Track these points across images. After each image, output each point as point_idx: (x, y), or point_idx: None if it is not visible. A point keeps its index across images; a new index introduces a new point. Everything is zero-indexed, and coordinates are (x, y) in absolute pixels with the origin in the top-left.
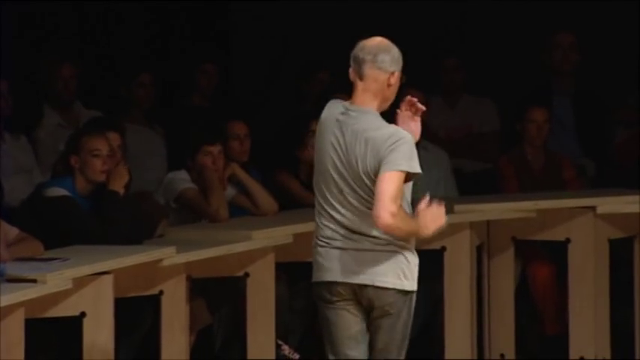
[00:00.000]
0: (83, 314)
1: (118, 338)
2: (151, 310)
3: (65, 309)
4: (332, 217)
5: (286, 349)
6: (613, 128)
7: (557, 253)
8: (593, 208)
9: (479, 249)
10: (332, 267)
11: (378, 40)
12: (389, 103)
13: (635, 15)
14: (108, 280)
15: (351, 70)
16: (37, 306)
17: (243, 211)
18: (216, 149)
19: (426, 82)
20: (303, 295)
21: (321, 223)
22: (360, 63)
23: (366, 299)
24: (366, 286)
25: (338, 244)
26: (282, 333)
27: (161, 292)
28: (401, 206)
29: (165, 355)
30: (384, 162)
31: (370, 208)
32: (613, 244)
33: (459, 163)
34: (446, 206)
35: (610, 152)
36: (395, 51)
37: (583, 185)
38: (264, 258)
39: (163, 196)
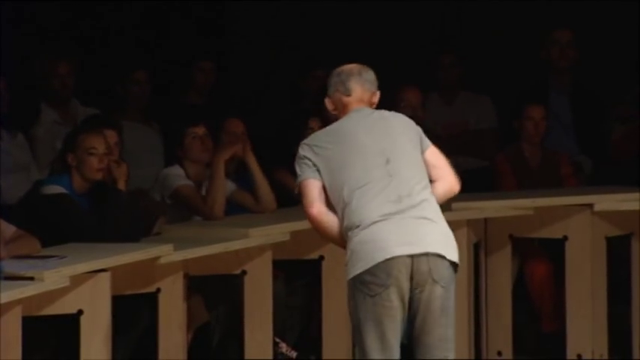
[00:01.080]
0: (80, 312)
1: (115, 336)
2: (148, 307)
3: (62, 307)
4: (378, 195)
5: (284, 347)
6: (610, 125)
7: (554, 250)
8: (590, 206)
9: (476, 247)
10: (387, 244)
11: (355, 64)
12: None
13: (634, 12)
14: (105, 277)
15: (327, 100)
16: (35, 304)
17: (240, 210)
18: (200, 130)
19: (423, 78)
20: (301, 293)
21: (362, 207)
22: (344, 80)
23: (420, 272)
24: (426, 255)
25: (392, 216)
26: (280, 331)
27: (158, 290)
28: None
29: (162, 353)
30: (422, 138)
31: (419, 178)
32: (610, 241)
33: (455, 161)
34: (442, 204)
35: (607, 149)
36: (373, 73)
37: (580, 182)
38: (262, 256)
39: (159, 192)
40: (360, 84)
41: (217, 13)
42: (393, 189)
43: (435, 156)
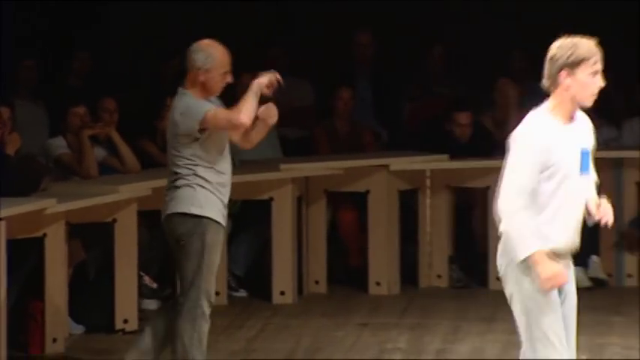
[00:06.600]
0: None
1: (10, 273)
2: (36, 249)
3: None
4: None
5: (147, 280)
6: (402, 102)
7: (359, 201)
8: (386, 166)
9: (299, 199)
10: None
11: None
12: None
13: (425, 10)
14: (1, 225)
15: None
16: None
17: (112, 170)
18: (81, 110)
19: (257, 67)
20: (161, 236)
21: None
22: None
23: None
24: None
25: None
26: (143, 267)
27: (45, 235)
28: None
29: (48, 285)
30: None
31: None
32: (402, 194)
33: (283, 132)
34: (272, 166)
35: (400, 122)
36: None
37: (379, 148)
38: (129, 207)
39: (44, 158)
40: None
41: (93, 10)
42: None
43: None
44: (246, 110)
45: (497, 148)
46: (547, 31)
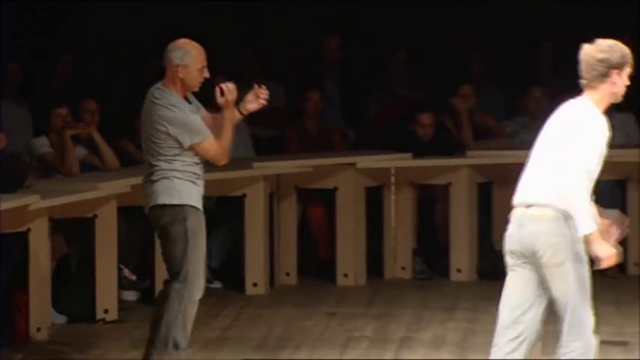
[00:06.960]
0: None
1: None
2: (21, 243)
3: None
4: None
5: (126, 272)
6: (368, 104)
7: (328, 198)
8: (353, 164)
9: (271, 195)
10: None
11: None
12: None
13: (384, 17)
14: None
15: None
16: None
17: (92, 168)
18: (63, 111)
19: (231, 69)
20: (139, 231)
21: None
22: None
23: None
24: None
25: None
26: (123, 260)
27: (29, 230)
28: None
29: (32, 278)
30: None
31: None
32: (369, 190)
33: (255, 131)
34: (245, 164)
35: (366, 123)
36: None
37: (346, 147)
38: (109, 203)
39: (28, 157)
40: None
41: (67, 12)
42: None
43: None
44: (229, 151)
45: (457, 147)
46: (505, 35)
